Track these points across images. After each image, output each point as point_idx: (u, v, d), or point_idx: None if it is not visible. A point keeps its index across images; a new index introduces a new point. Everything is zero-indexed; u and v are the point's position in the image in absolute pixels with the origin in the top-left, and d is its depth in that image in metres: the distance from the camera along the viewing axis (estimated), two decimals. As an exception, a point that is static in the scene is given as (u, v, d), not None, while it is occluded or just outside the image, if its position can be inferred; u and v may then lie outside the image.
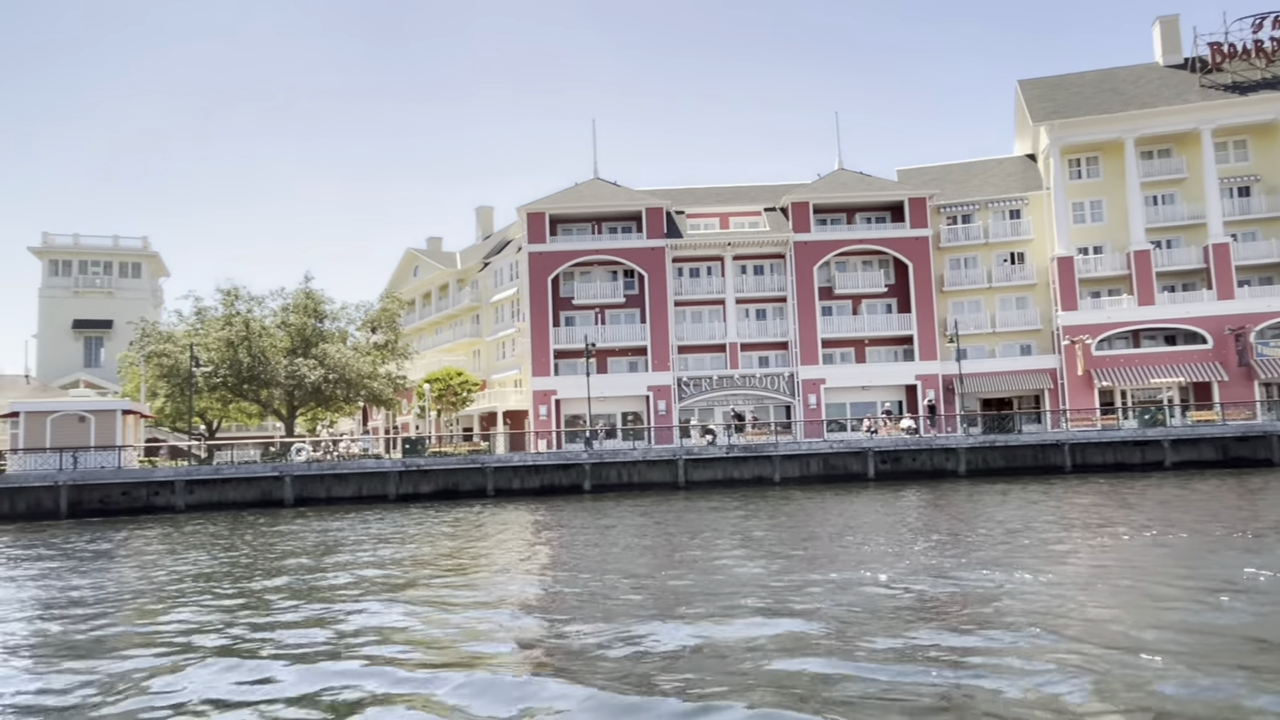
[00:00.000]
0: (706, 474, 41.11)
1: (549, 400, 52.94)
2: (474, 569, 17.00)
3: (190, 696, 8.36)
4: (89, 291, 77.31)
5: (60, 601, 14.80)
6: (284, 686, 8.61)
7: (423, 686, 8.33)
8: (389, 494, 38.44)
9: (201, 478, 37.63)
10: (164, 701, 8.24)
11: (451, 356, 65.31)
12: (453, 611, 12.29)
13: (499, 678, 8.60)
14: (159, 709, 8.01)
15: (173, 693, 8.51)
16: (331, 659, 9.67)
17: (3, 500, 35.10)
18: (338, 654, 9.92)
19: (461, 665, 9.17)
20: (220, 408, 57.06)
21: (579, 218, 56.71)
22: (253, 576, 16.79)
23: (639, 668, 8.77)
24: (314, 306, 52.93)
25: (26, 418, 37.40)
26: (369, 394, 51.72)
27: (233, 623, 12.15)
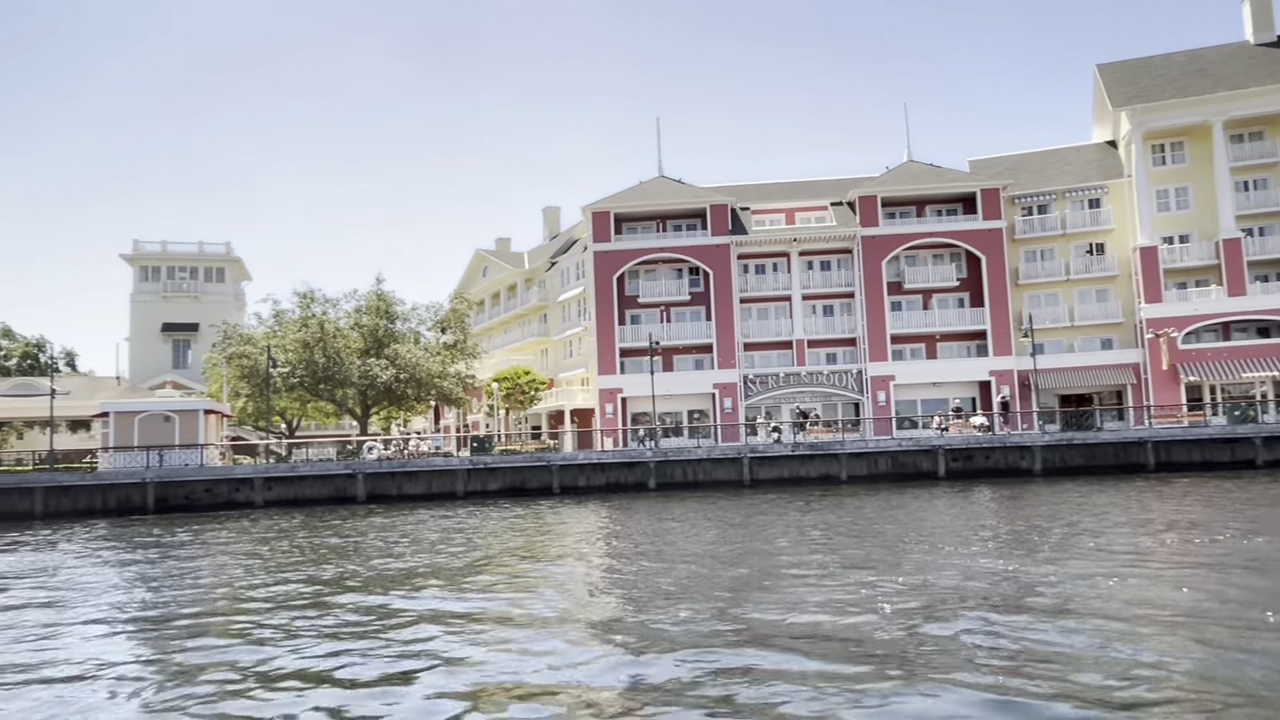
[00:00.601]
0: (772, 472, 40.75)
1: (615, 398, 53.15)
2: (538, 564, 17.13)
3: (273, 676, 8.68)
4: (176, 296, 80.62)
5: (154, 587, 15.49)
6: (359, 671, 8.85)
7: (490, 677, 8.43)
8: (457, 491, 39.10)
9: (279, 475, 38.86)
10: (251, 679, 8.59)
11: (520, 356, 66.09)
12: (516, 604, 12.44)
13: (564, 672, 8.64)
14: (247, 686, 8.35)
15: (255, 672, 8.86)
16: (401, 648, 9.89)
17: (95, 495, 36.86)
18: (408, 642, 10.14)
19: (525, 655, 9.28)
20: (298, 407, 58.85)
21: (644, 216, 56.77)
22: (327, 569, 17.25)
23: (699, 666, 8.72)
24: (385, 308, 54.15)
25: (116, 417, 39.20)
26: (439, 393, 52.66)
27: (309, 611, 12.53)
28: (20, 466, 44.45)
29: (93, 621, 12.69)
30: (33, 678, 9.36)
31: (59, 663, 10.18)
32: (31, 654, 10.59)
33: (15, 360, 64.43)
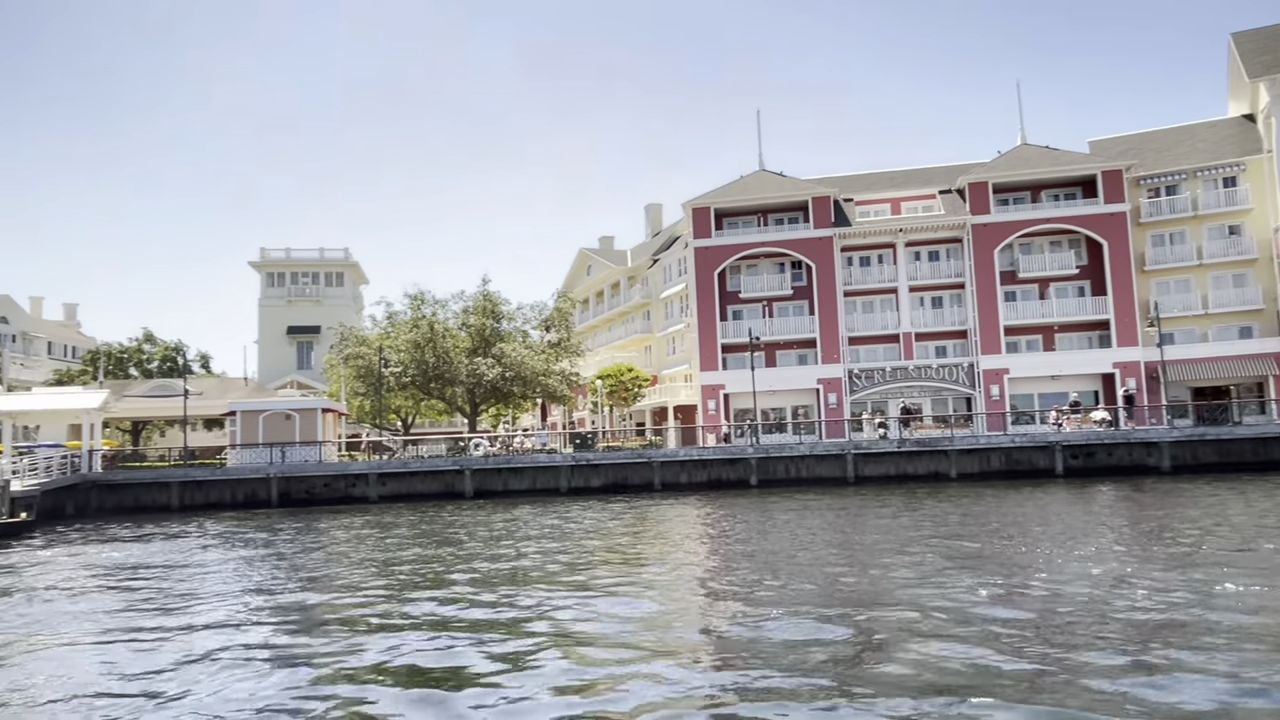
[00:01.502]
0: (877, 469, 39.82)
1: (717, 395, 52.92)
2: (638, 562, 17.20)
3: (387, 662, 9.06)
4: (300, 300, 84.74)
5: (276, 576, 16.39)
6: (468, 660, 9.13)
7: (593, 670, 8.54)
8: (560, 487, 39.74)
9: (391, 471, 40.39)
10: (364, 664, 9.00)
11: (624, 353, 66.61)
12: (617, 599, 12.55)
13: (661, 667, 8.67)
14: (360, 670, 8.75)
15: (369, 657, 9.27)
16: (506, 638, 10.15)
17: (225, 490, 39.18)
18: (511, 634, 10.40)
19: (627, 648, 9.36)
20: (412, 405, 61.00)
21: (744, 210, 56.29)
22: (436, 560, 17.80)
23: (798, 669, 8.60)
24: (492, 308, 55.47)
25: (242, 416, 41.53)
26: (544, 391, 53.60)
27: (421, 599, 13.00)
28: (161, 462, 47.55)
29: (220, 606, 13.52)
30: (168, 654, 10.03)
31: (194, 638, 10.95)
32: (166, 632, 11.36)
33: (156, 363, 69.00)
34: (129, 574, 18.03)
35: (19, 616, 13.50)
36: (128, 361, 68.59)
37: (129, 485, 38.60)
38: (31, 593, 15.82)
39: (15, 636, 11.86)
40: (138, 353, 69.52)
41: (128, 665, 9.81)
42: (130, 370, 67.98)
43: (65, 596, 15.35)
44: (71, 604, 14.54)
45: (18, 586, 16.65)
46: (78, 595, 15.46)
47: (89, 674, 9.48)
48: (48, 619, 13.16)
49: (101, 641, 11.20)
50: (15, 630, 12.32)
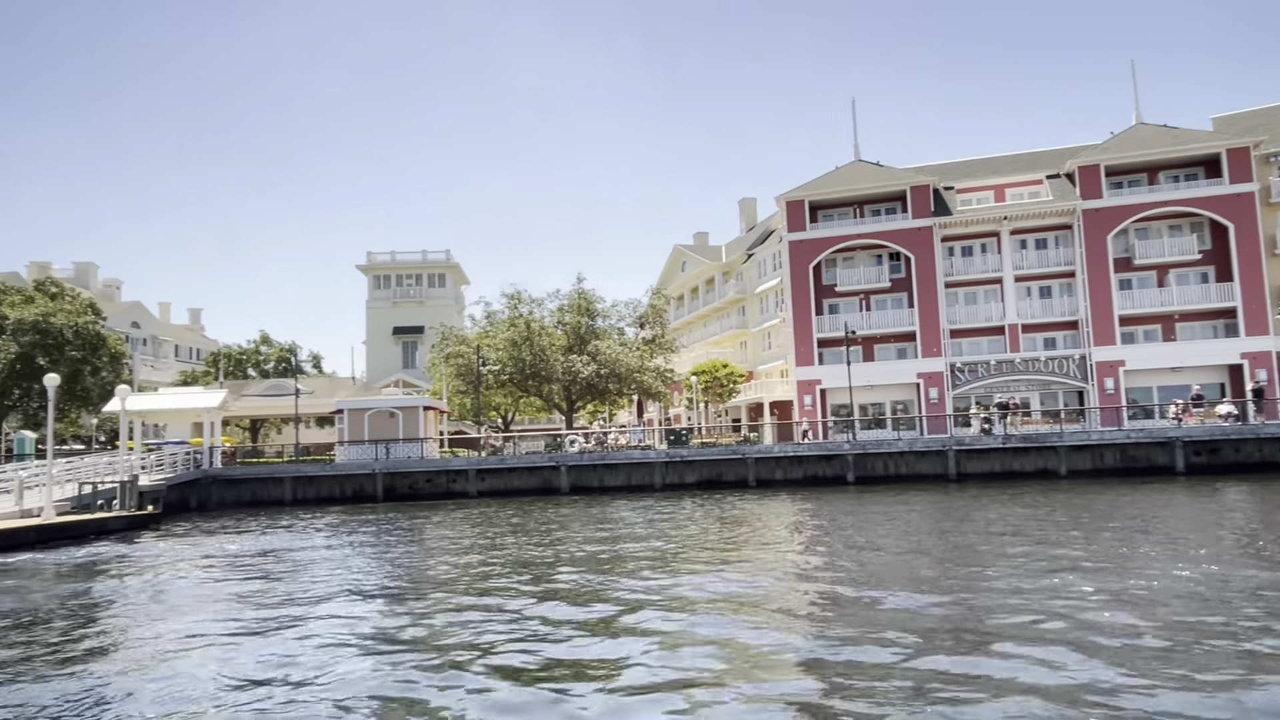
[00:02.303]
0: (981, 466, 38.49)
1: (813, 390, 52.10)
2: (733, 559, 17.07)
3: (493, 650, 9.29)
4: (405, 301, 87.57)
5: (382, 566, 16.99)
6: (569, 652, 9.26)
7: (689, 668, 8.54)
8: (655, 483, 39.83)
9: (490, 467, 41.26)
10: (467, 652, 9.24)
11: (719, 349, 66.34)
12: (712, 596, 12.50)
13: (755, 672, 8.60)
14: (462, 658, 8.98)
15: (471, 645, 9.52)
16: (606, 637, 10.23)
17: (334, 484, 40.79)
18: (612, 633, 10.47)
19: (720, 646, 9.32)
20: (510, 403, 62.24)
21: (840, 202, 55.19)
22: (537, 553, 18.10)
23: (894, 677, 8.39)
24: (587, 306, 56.04)
25: (349, 414, 43.15)
26: (639, 387, 53.84)
27: (524, 592, 13.25)
28: (277, 458, 49.86)
29: (331, 594, 14.08)
30: (281, 638, 10.51)
31: (306, 624, 11.47)
32: (280, 617, 11.92)
33: (272, 364, 72.41)
34: (246, 563, 18.96)
35: (147, 602, 14.37)
36: (246, 362, 72.16)
37: (246, 480, 40.61)
38: (158, 580, 16.81)
39: (143, 621, 12.62)
40: (255, 354, 73.05)
41: (243, 649, 10.33)
42: (248, 371, 71.51)
43: (188, 584, 16.26)
44: (194, 591, 15.40)
45: (146, 575, 17.72)
46: (200, 583, 16.36)
47: (209, 655, 10.03)
48: (173, 605, 13.98)
49: (220, 625, 11.82)
50: (143, 615, 13.12)
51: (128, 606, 14.08)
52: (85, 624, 12.62)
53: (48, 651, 10.57)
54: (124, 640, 11.32)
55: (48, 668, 9.71)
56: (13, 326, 47.49)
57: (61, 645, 10.98)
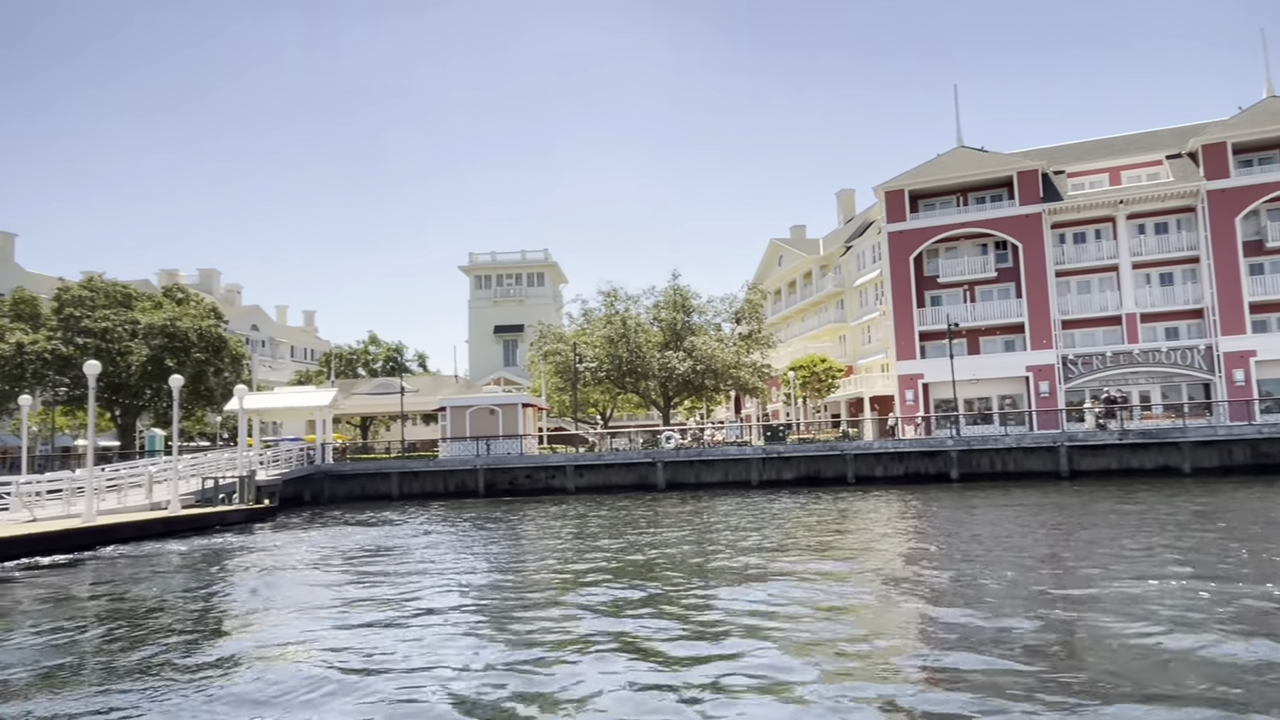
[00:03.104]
0: (1095, 462, 36.74)
1: (915, 384, 50.69)
2: (834, 554, 16.81)
3: (585, 641, 9.44)
4: (505, 301, 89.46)
5: (493, 556, 17.45)
6: (659, 647, 9.33)
7: (784, 673, 8.45)
8: (751, 480, 39.52)
9: (587, 463, 41.72)
10: (564, 644, 9.39)
11: (817, 344, 65.35)
12: (811, 596, 12.34)
13: (854, 668, 8.47)
14: (561, 649, 9.14)
15: (569, 637, 9.67)
16: (700, 632, 10.24)
17: (438, 480, 41.99)
18: (706, 626, 10.48)
19: (818, 649, 9.21)
20: (608, 399, 62.77)
21: (942, 191, 53.50)
22: (633, 551, 18.23)
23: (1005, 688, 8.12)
24: (682, 302, 55.98)
25: (451, 412, 44.33)
26: (736, 383, 53.51)
27: (617, 589, 13.39)
28: (384, 454, 51.68)
29: (436, 585, 14.53)
30: (388, 626, 10.90)
31: (411, 614, 11.88)
32: (390, 605, 12.34)
33: (380, 363, 75.09)
34: (356, 555, 19.71)
35: (263, 590, 15.12)
36: (356, 362, 75.03)
37: (355, 475, 42.22)
38: (273, 570, 17.67)
39: (257, 607, 13.29)
40: (364, 354, 75.89)
41: (351, 636, 10.75)
42: (358, 370, 74.33)
43: (302, 574, 17.04)
44: (306, 580, 16.13)
45: (263, 564, 18.65)
46: (312, 573, 17.12)
47: (319, 641, 10.51)
48: (286, 593, 14.68)
49: (330, 613, 12.33)
50: (258, 602, 13.81)
51: (244, 593, 14.84)
52: (204, 609, 13.36)
53: (169, 634, 11.22)
54: (239, 626, 11.93)
55: (171, 649, 10.31)
56: (144, 330, 50.65)
57: (182, 629, 11.64)
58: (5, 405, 48.03)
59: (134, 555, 20.96)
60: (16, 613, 13.63)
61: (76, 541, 22.03)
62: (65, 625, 12.19)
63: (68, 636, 11.39)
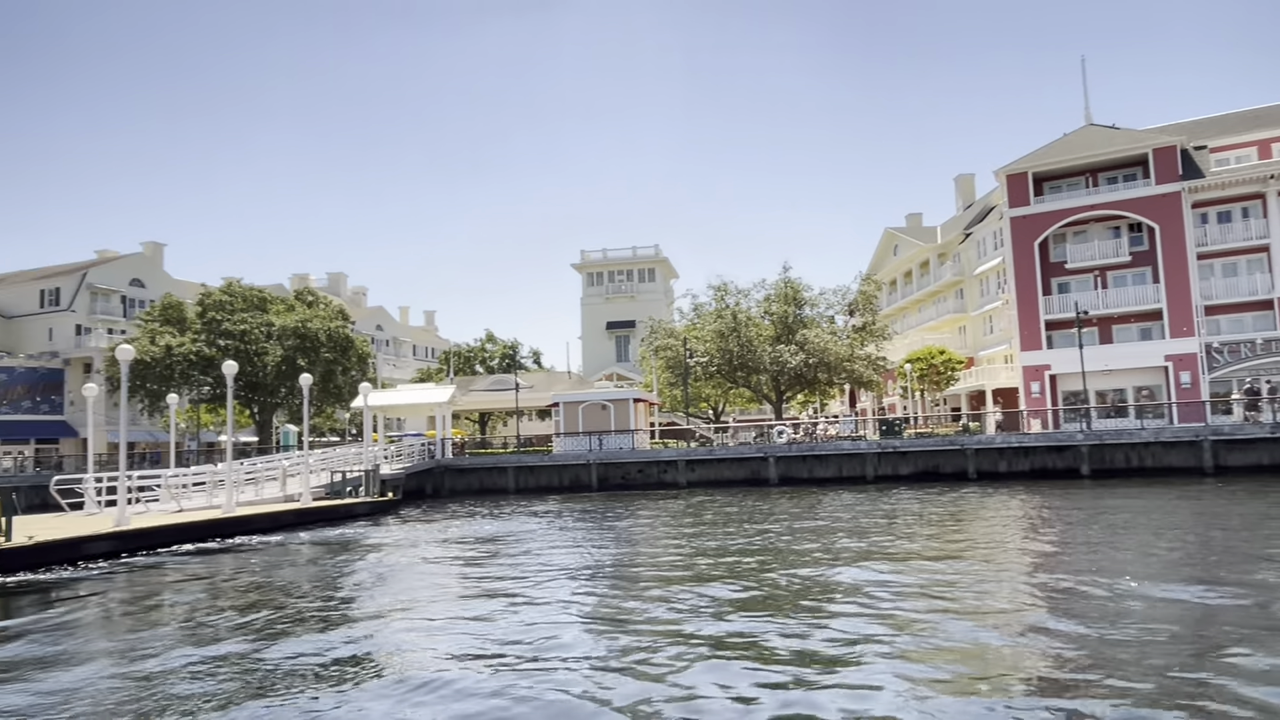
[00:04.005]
0: (1244, 458, 34.22)
1: (1041, 376, 48.39)
2: (952, 557, 16.25)
3: (695, 637, 9.50)
4: (617, 297, 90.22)
5: (609, 549, 17.71)
6: (771, 643, 9.27)
7: (912, 684, 8.25)
8: (867, 475, 38.61)
9: (699, 458, 41.65)
10: (674, 638, 9.48)
11: (935, 335, 63.23)
12: (926, 598, 12.01)
13: (981, 684, 8.20)
14: (669, 644, 9.23)
15: (678, 632, 9.74)
16: (813, 633, 10.11)
17: (552, 474, 42.74)
18: (818, 627, 10.35)
19: (938, 655, 8.96)
20: (720, 394, 62.48)
21: (1069, 172, 50.81)
22: (745, 546, 18.13)
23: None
24: (793, 294, 55.15)
25: (564, 407, 45.05)
26: (850, 376, 52.39)
27: (729, 584, 13.35)
28: (502, 449, 53.00)
29: (551, 575, 14.85)
30: (505, 614, 11.20)
31: (527, 603, 12.18)
32: (507, 594, 12.69)
33: (497, 360, 77.07)
34: (475, 546, 20.31)
35: (388, 577, 15.79)
36: (473, 359, 77.25)
37: (473, 469, 43.44)
38: (398, 559, 18.41)
39: (382, 594, 13.86)
40: (481, 351, 78.05)
41: (470, 623, 11.11)
42: (476, 367, 76.51)
43: (424, 563, 17.70)
44: (428, 569, 16.74)
45: (387, 554, 19.45)
46: (434, 562, 17.77)
47: (440, 627, 10.93)
48: (409, 581, 15.29)
49: (450, 601, 12.78)
50: (382, 589, 14.41)
51: (372, 580, 15.50)
52: (337, 596, 14.00)
53: (305, 618, 11.80)
54: (365, 611, 12.44)
55: (305, 629, 10.87)
56: (278, 332, 53.57)
57: (316, 614, 12.21)
58: (156, 404, 51.65)
59: (269, 544, 22.17)
60: (167, 595, 14.64)
61: (218, 531, 23.48)
62: (211, 607, 12.99)
63: (212, 618, 12.12)
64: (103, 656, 10.06)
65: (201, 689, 8.38)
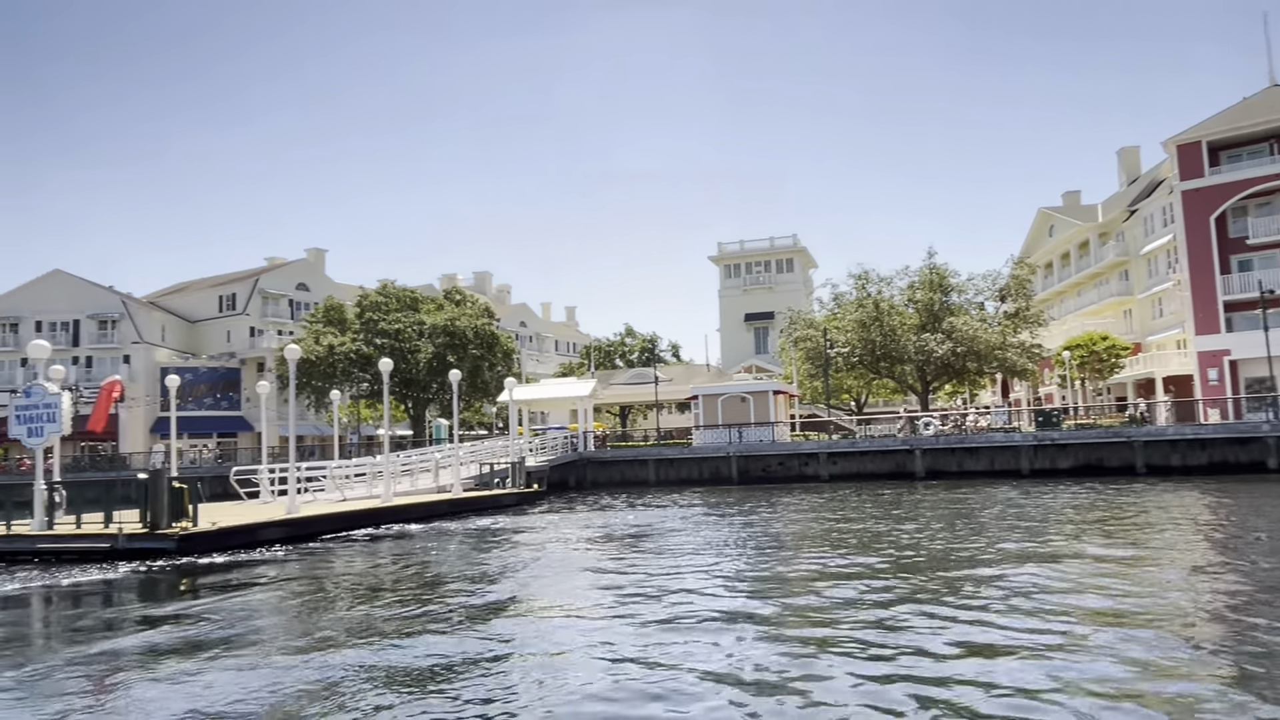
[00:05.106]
0: None
1: (1219, 361, 44.62)
2: (1123, 562, 15.22)
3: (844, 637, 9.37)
4: (754, 288, 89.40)
5: (752, 543, 17.69)
6: (936, 647, 9.03)
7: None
8: (1021, 469, 36.75)
9: (841, 450, 40.75)
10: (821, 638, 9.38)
11: (1096, 319, 59.40)
12: (1094, 606, 11.36)
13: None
14: (823, 644, 9.15)
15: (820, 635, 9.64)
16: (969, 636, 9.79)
17: (692, 467, 42.83)
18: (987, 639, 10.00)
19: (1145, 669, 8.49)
20: (862, 385, 60.87)
21: (1250, 139, 46.56)
22: (894, 541, 17.62)
23: None
24: (939, 281, 53.04)
25: (703, 400, 45.04)
26: (1001, 365, 49.95)
27: (874, 581, 13.06)
28: (642, 442, 53.57)
29: (692, 567, 14.92)
30: (647, 604, 11.35)
31: (669, 594, 12.28)
32: (648, 585, 12.85)
33: (636, 354, 78.01)
34: (617, 537, 20.60)
35: (534, 566, 16.27)
36: (613, 354, 78.44)
37: (615, 462, 44.09)
38: (543, 549, 18.94)
39: (528, 582, 14.30)
40: (620, 345, 79.16)
41: (613, 612, 11.25)
42: (615, 361, 77.66)
43: (568, 553, 18.15)
44: (572, 559, 17.14)
45: (533, 543, 20.04)
46: (578, 552, 18.18)
47: (583, 615, 11.16)
48: (554, 570, 15.73)
49: (593, 591, 13.03)
50: (529, 577, 14.87)
51: (517, 568, 15.99)
52: (482, 581, 14.51)
53: (453, 600, 12.29)
54: (512, 597, 12.84)
55: (456, 613, 11.33)
56: (429, 330, 56.07)
57: (463, 597, 12.70)
58: (320, 399, 55.10)
59: (424, 532, 23.23)
60: (334, 577, 15.58)
61: (377, 519, 24.80)
62: (373, 590, 13.72)
63: (374, 600, 12.80)
64: (279, 632, 10.81)
65: (363, 663, 8.85)
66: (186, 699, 7.85)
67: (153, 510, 18.44)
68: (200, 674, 8.76)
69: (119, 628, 11.62)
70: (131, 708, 7.75)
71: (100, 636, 11.04)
